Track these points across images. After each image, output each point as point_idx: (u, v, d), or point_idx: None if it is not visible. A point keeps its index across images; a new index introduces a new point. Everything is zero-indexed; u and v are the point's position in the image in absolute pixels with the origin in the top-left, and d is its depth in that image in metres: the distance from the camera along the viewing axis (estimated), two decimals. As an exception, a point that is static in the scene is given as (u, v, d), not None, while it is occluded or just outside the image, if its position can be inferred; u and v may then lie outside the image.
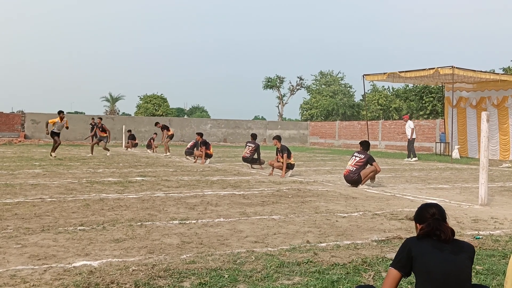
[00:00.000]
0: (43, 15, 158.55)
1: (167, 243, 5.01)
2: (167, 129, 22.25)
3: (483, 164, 8.09)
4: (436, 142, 26.57)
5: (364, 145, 10.73)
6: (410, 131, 21.24)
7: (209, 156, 16.62)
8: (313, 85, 55.95)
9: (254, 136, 15.94)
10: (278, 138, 13.10)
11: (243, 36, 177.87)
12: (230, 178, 11.85)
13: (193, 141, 19.30)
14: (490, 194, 9.04)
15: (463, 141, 23.68)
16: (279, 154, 12.79)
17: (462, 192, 9.98)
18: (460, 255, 2.72)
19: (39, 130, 32.79)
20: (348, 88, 54.80)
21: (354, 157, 10.61)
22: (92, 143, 20.37)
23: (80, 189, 9.13)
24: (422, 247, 2.75)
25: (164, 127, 22.38)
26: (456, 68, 18.72)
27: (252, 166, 15.22)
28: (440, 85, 25.91)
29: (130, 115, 49.20)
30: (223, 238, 5.34)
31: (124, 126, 29.95)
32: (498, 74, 22.67)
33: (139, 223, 6.00)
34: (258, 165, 15.20)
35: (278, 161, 12.83)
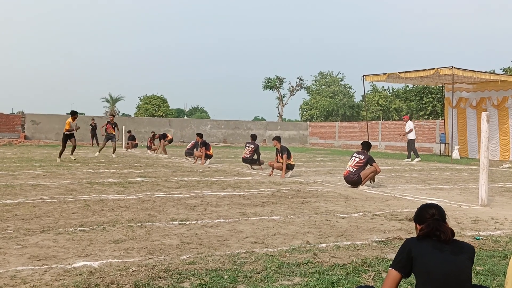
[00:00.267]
0: (43, 16, 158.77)
1: (167, 244, 5.02)
2: (164, 137, 22.29)
3: (483, 164, 8.09)
4: (436, 143, 26.58)
5: (365, 145, 10.74)
6: (408, 130, 21.15)
7: (209, 156, 16.63)
8: (313, 85, 55.95)
9: (253, 136, 15.94)
10: (277, 139, 13.10)
11: (243, 36, 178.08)
12: (230, 178, 11.85)
13: (193, 141, 19.32)
14: (490, 194, 9.04)
15: (463, 141, 23.68)
16: (279, 155, 12.79)
17: (462, 193, 9.98)
18: (460, 256, 2.72)
19: (39, 131, 32.81)
20: (348, 89, 54.79)
21: (354, 157, 10.61)
22: (103, 144, 20.15)
23: (80, 189, 9.13)
24: (422, 247, 2.75)
25: (161, 137, 22.43)
26: (456, 68, 18.72)
27: (252, 166, 15.22)
28: (440, 85, 25.91)
29: (130, 115, 49.23)
30: (223, 238, 5.34)
31: (124, 127, 29.95)
32: (498, 74, 22.66)
33: (139, 224, 6.00)
34: (258, 165, 15.20)
35: (278, 161, 12.83)
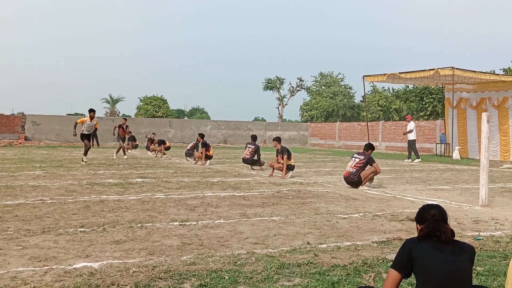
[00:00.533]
0: (44, 17, 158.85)
1: (167, 245, 5.02)
2: (163, 143, 22.31)
3: (484, 165, 8.08)
4: (436, 143, 26.57)
5: (368, 147, 10.74)
6: (409, 131, 21.07)
7: (208, 157, 16.63)
8: (313, 86, 55.95)
9: (254, 137, 15.95)
10: (278, 140, 13.11)
11: (243, 37, 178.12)
12: (230, 179, 11.85)
13: (193, 142, 19.36)
14: (490, 195, 9.03)
15: (464, 142, 23.68)
16: (279, 156, 12.79)
17: (463, 193, 9.97)
18: (460, 256, 2.72)
19: (40, 132, 32.81)
20: (348, 89, 54.80)
21: (354, 158, 10.61)
22: (120, 146, 19.79)
23: (81, 190, 9.13)
24: (423, 248, 2.75)
25: (160, 142, 22.47)
26: (456, 69, 18.72)
27: (252, 167, 15.22)
28: (440, 86, 25.90)
29: (130, 116, 49.24)
30: (223, 239, 5.34)
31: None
32: (499, 75, 22.65)
33: (140, 225, 6.00)
34: (258, 166, 15.20)
35: (278, 162, 12.83)
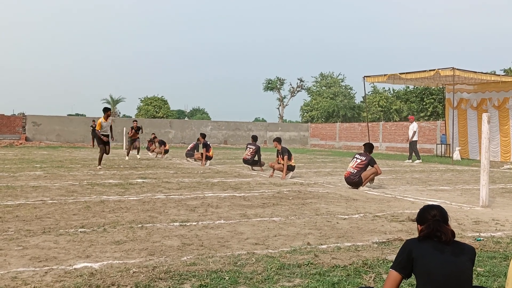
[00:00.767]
0: (44, 18, 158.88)
1: (167, 245, 5.02)
2: (163, 144, 22.33)
3: (484, 165, 8.08)
4: (437, 144, 26.56)
5: (367, 147, 10.74)
6: (412, 133, 20.99)
7: (208, 158, 16.63)
8: (313, 86, 55.95)
9: (254, 138, 15.95)
10: (278, 140, 13.11)
11: (243, 37, 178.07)
12: (230, 180, 11.85)
13: (193, 143, 19.38)
14: (491, 195, 9.03)
15: (464, 142, 23.66)
16: (279, 156, 12.80)
17: (463, 194, 9.97)
18: (460, 257, 2.72)
19: (40, 132, 32.83)
20: (349, 90, 54.80)
21: (356, 159, 10.60)
22: (129, 146, 19.79)
23: (81, 191, 9.13)
24: (423, 248, 2.75)
25: (161, 142, 22.48)
26: (457, 69, 18.72)
27: (252, 168, 15.23)
28: (441, 86, 25.88)
29: (131, 117, 49.25)
30: (223, 240, 5.34)
31: (124, 128, 29.92)
32: (499, 75, 22.66)
33: (140, 225, 6.00)
34: (258, 167, 15.20)
35: (278, 163, 12.83)
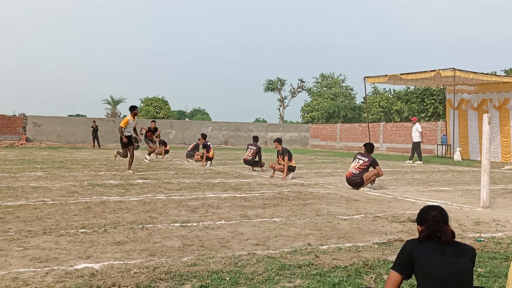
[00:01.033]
0: (45, 18, 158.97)
1: (168, 246, 5.02)
2: (165, 144, 22.36)
3: (485, 166, 8.08)
4: (437, 144, 26.56)
5: (368, 147, 10.73)
6: (418, 134, 20.78)
7: (209, 159, 16.64)
8: (314, 87, 55.99)
9: (255, 138, 15.96)
10: (279, 141, 13.12)
11: (244, 38, 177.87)
12: (231, 180, 11.85)
13: (193, 143, 19.37)
14: (492, 196, 9.02)
15: (465, 143, 23.65)
16: (280, 157, 12.80)
17: (464, 195, 9.97)
18: (461, 258, 2.72)
19: (41, 133, 32.84)
20: (349, 91, 54.84)
21: (358, 159, 10.58)
22: (153, 150, 19.45)
23: (82, 191, 9.14)
24: (423, 249, 2.75)
25: (162, 142, 22.51)
26: (458, 70, 18.71)
27: (253, 168, 15.22)
28: (442, 87, 25.87)
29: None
30: (224, 240, 5.34)
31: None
32: (500, 76, 22.63)
33: (141, 226, 6.00)
34: (259, 167, 15.20)
35: (279, 163, 12.83)
